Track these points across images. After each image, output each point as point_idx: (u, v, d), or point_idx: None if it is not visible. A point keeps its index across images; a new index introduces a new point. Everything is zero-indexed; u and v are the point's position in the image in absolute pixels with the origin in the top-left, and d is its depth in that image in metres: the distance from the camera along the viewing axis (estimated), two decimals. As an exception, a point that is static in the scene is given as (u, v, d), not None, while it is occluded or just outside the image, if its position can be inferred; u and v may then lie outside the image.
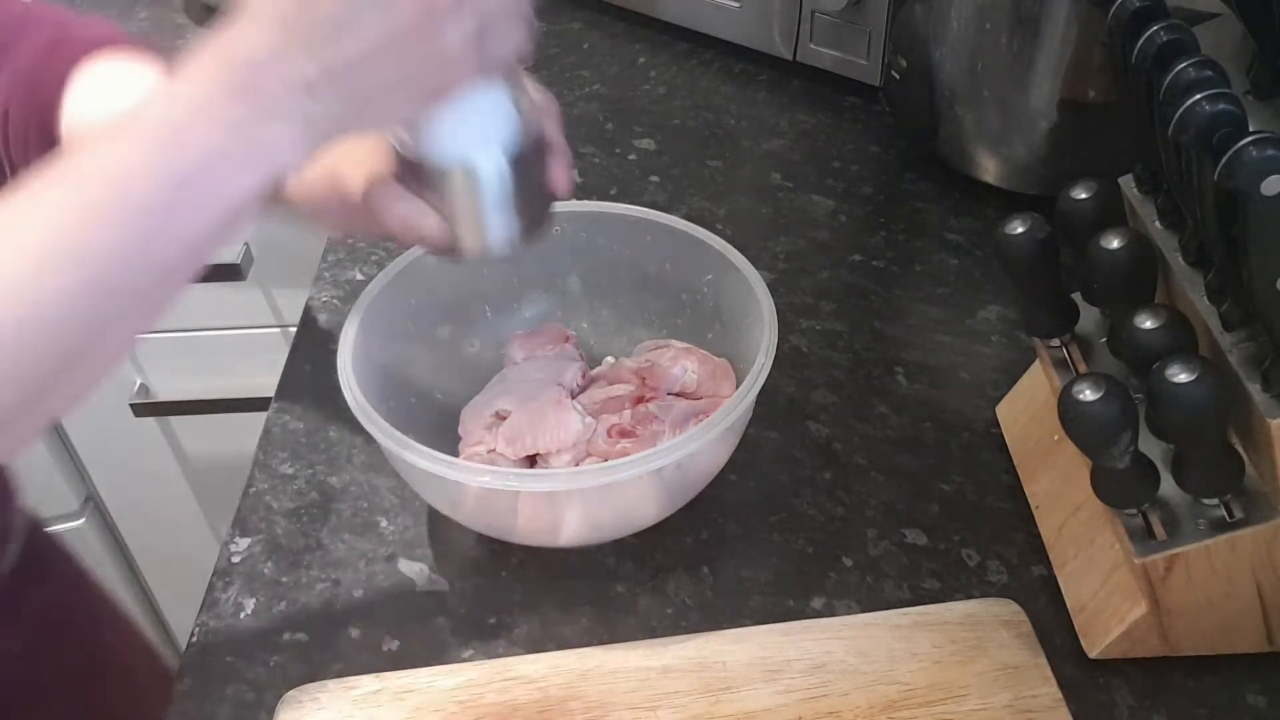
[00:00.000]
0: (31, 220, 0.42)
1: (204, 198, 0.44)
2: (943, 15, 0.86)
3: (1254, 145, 0.44)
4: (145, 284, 0.44)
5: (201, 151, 0.43)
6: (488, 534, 0.66)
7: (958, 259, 0.87)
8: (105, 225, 0.42)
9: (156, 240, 0.43)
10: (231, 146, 0.43)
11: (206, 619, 0.64)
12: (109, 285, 0.43)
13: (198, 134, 0.43)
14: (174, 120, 0.43)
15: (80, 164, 0.43)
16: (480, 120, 0.51)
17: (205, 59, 0.44)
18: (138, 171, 0.43)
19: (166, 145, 0.43)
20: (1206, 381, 0.48)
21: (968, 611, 0.61)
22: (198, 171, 0.43)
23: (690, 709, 0.57)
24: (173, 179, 0.43)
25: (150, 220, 0.43)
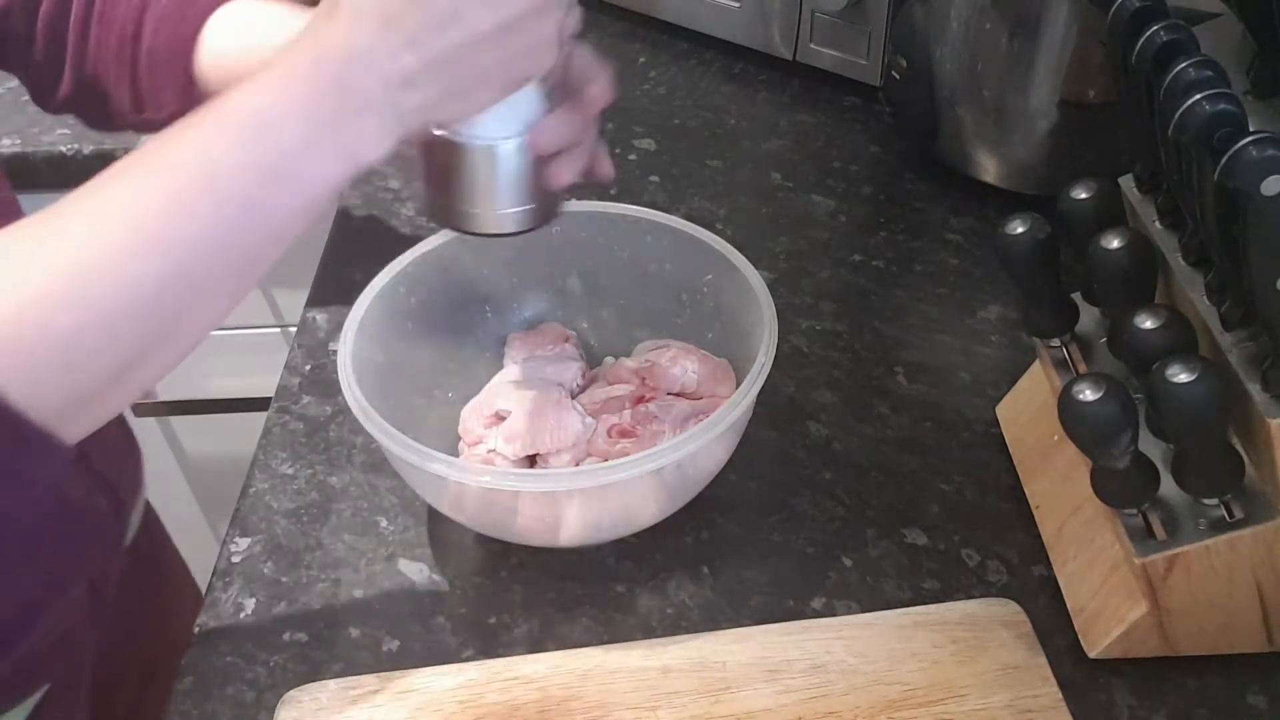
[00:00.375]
0: (120, 206, 0.43)
1: (287, 190, 0.45)
2: (943, 15, 0.86)
3: (1254, 145, 0.44)
4: (226, 271, 0.45)
5: (289, 146, 0.44)
6: (488, 534, 0.66)
7: (958, 259, 0.87)
8: (191, 215, 0.43)
9: (239, 230, 0.44)
10: (318, 141, 0.44)
11: (206, 619, 0.64)
12: (192, 272, 0.44)
13: (286, 129, 0.44)
14: (263, 114, 0.44)
15: (169, 151, 0.44)
16: (514, 105, 0.52)
17: (296, 55, 0.45)
18: (225, 163, 0.43)
19: (255, 139, 0.44)
20: (1206, 381, 0.48)
21: (968, 611, 0.61)
22: (283, 165, 0.44)
23: (690, 709, 0.57)
24: (259, 172, 0.44)
25: (234, 211, 0.44)
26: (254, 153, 0.44)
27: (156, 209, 0.43)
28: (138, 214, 0.43)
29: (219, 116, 0.44)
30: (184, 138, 0.44)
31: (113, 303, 0.42)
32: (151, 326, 0.44)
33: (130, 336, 0.44)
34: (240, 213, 0.44)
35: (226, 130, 0.44)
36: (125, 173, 0.44)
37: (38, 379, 0.42)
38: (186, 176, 0.43)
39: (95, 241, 0.42)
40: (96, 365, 0.43)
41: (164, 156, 0.44)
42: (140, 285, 0.43)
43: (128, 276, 0.42)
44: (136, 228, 0.43)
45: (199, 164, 0.44)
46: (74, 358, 0.43)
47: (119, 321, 0.43)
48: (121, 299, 0.43)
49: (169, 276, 0.43)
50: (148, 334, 0.44)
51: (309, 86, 0.44)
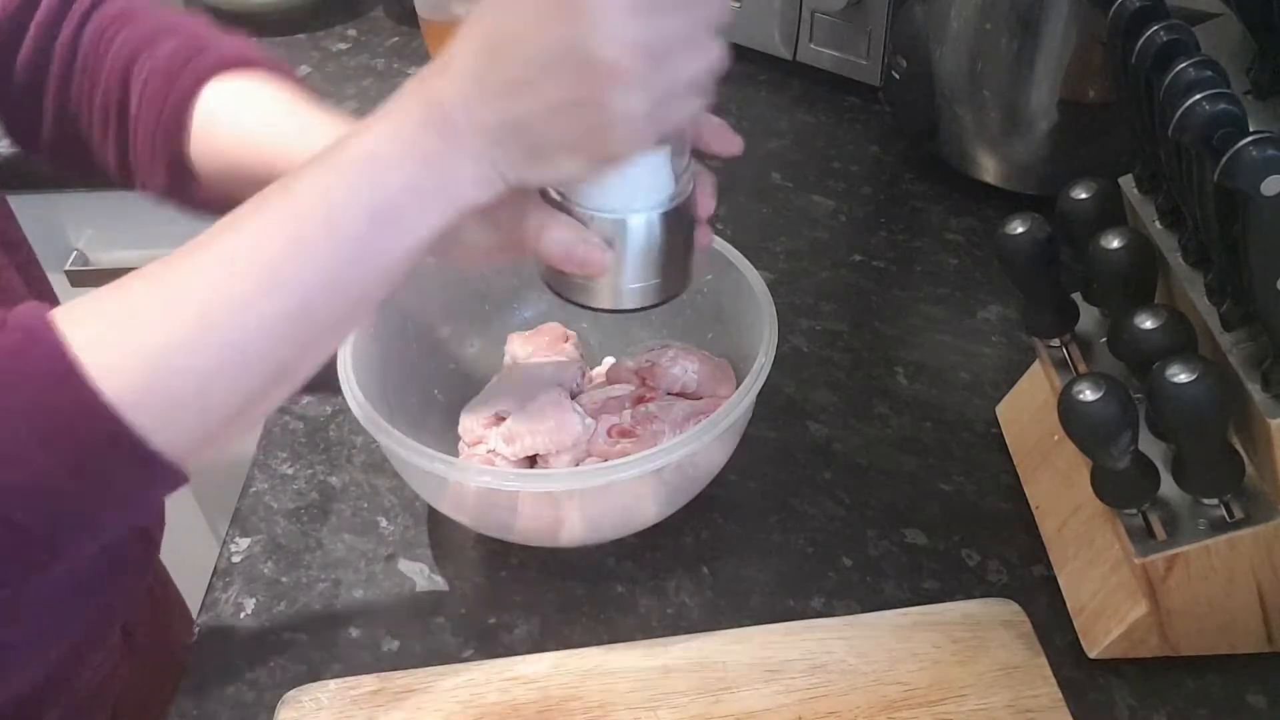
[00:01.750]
0: (248, 249, 0.45)
1: (400, 229, 0.46)
2: (943, 15, 0.86)
3: (1254, 145, 0.44)
4: (344, 309, 0.48)
5: (400, 185, 0.46)
6: (488, 534, 0.66)
7: (958, 259, 0.87)
8: (312, 254, 0.45)
9: (357, 269, 0.46)
10: (425, 181, 0.46)
11: (206, 619, 0.64)
12: (313, 310, 0.46)
13: (397, 168, 0.46)
14: (375, 154, 0.46)
15: (291, 194, 0.46)
16: (637, 179, 0.51)
17: (406, 98, 0.47)
18: (343, 203, 0.46)
19: (369, 178, 0.46)
20: (1206, 381, 0.48)
21: (968, 611, 0.61)
22: (396, 204, 0.46)
23: (690, 709, 0.57)
24: (374, 211, 0.46)
25: (352, 250, 0.46)
26: (367, 191, 0.46)
27: (282, 250, 0.45)
28: (266, 256, 0.45)
29: (335, 157, 0.46)
30: (303, 180, 0.46)
31: (244, 343, 0.45)
32: (276, 364, 0.46)
33: (258, 375, 0.46)
34: (355, 251, 0.46)
35: (342, 171, 0.46)
36: (249, 217, 0.46)
37: (174, 419, 0.44)
38: (308, 218, 0.46)
39: (226, 284, 0.45)
40: (227, 404, 0.46)
41: (284, 200, 0.46)
42: (269, 325, 0.45)
43: (258, 317, 0.45)
44: (265, 269, 0.45)
45: (319, 206, 0.46)
46: (207, 397, 0.45)
47: (249, 361, 0.45)
48: (252, 339, 0.45)
49: (294, 315, 0.45)
50: (272, 371, 0.46)
51: (415, 127, 0.46)
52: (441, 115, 0.46)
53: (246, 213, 0.46)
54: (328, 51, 1.15)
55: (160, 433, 0.43)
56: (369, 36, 1.17)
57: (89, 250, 1.10)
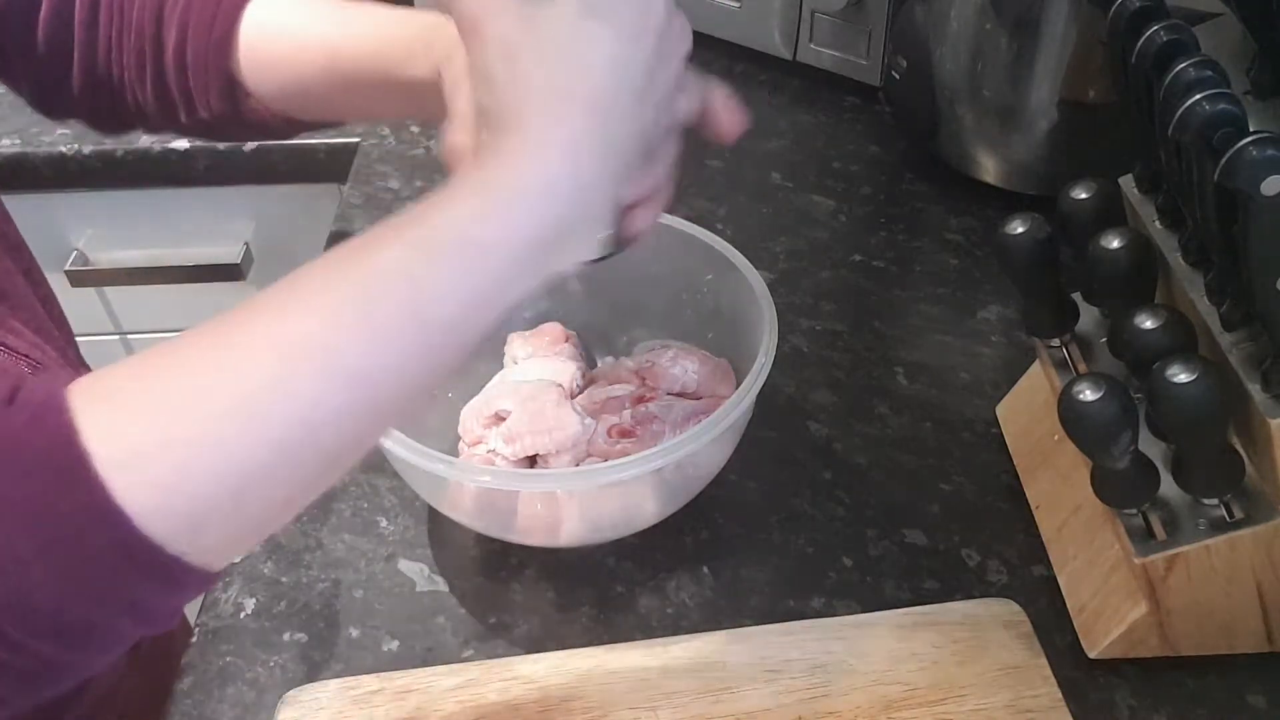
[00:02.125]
0: (305, 329, 0.39)
1: (490, 313, 0.42)
2: (943, 15, 0.86)
3: (1254, 145, 0.44)
4: (413, 393, 0.42)
5: (502, 274, 0.41)
6: (488, 534, 0.65)
7: (958, 259, 0.87)
8: (388, 342, 0.40)
9: (437, 353, 0.42)
10: (532, 267, 0.42)
11: (206, 619, 0.64)
12: (380, 399, 0.40)
13: (501, 258, 0.41)
14: (480, 242, 0.41)
15: (363, 267, 0.40)
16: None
17: (519, 170, 0.42)
18: (434, 289, 0.40)
19: (468, 267, 0.41)
20: (1206, 381, 0.48)
21: (968, 611, 0.61)
22: (493, 292, 0.42)
23: (690, 709, 0.57)
24: (468, 298, 0.41)
25: (437, 337, 0.41)
26: (465, 279, 0.41)
27: (347, 334, 0.39)
28: (328, 340, 0.39)
29: (428, 234, 0.41)
30: (386, 255, 0.40)
31: (291, 440, 0.38)
32: (325, 459, 0.40)
33: (302, 472, 0.40)
34: (439, 338, 0.41)
35: (438, 251, 0.41)
36: (309, 288, 0.40)
37: (200, 526, 0.38)
38: (391, 300, 0.40)
39: (275, 372, 0.38)
40: (263, 506, 0.39)
41: (364, 275, 0.40)
42: (322, 420, 0.38)
43: (309, 411, 0.38)
44: (325, 357, 0.38)
45: (405, 287, 0.40)
46: (242, 501, 0.38)
47: (294, 458, 0.39)
48: (300, 435, 0.38)
49: (353, 408, 0.39)
50: (319, 467, 0.40)
51: (536, 211, 0.42)
52: (569, 202, 0.43)
53: (305, 283, 0.40)
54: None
55: (183, 540, 0.37)
56: (369, 36, 1.16)
57: (89, 250, 1.10)
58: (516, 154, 0.43)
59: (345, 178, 0.97)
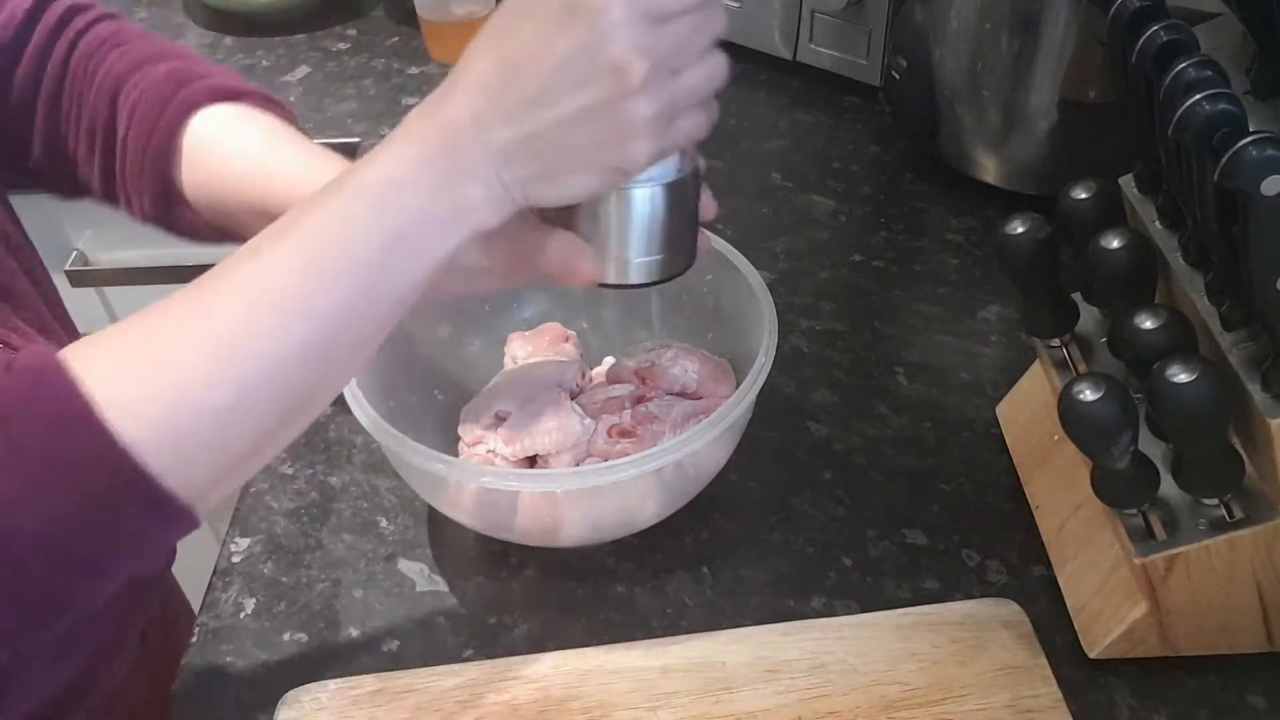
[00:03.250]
0: (263, 279, 0.45)
1: (413, 253, 0.46)
2: (943, 15, 0.86)
3: (1254, 145, 0.44)
4: (362, 335, 0.47)
5: (413, 208, 0.46)
6: (488, 534, 0.66)
7: (958, 259, 0.87)
8: (331, 282, 0.45)
9: (374, 294, 0.46)
10: (437, 204, 0.46)
11: (206, 619, 0.64)
12: (333, 337, 0.46)
13: (408, 192, 0.46)
14: (387, 178, 0.46)
15: (300, 223, 0.46)
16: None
17: (416, 122, 0.47)
18: (359, 229, 0.45)
19: (381, 202, 0.45)
20: (1206, 381, 0.48)
21: (968, 611, 0.61)
22: (409, 228, 0.46)
23: (690, 709, 0.57)
24: (388, 235, 0.45)
25: (370, 275, 0.46)
26: (381, 216, 0.45)
27: (298, 279, 0.45)
28: (281, 285, 0.44)
29: (348, 183, 0.46)
30: (318, 207, 0.46)
31: (261, 377, 0.44)
32: (293, 397, 0.46)
33: (276, 408, 0.45)
34: (372, 276, 0.46)
35: (354, 195, 0.46)
36: (263, 247, 0.45)
37: (190, 459, 0.43)
38: (324, 244, 0.45)
39: (243, 317, 0.44)
40: (243, 439, 0.45)
41: (299, 227, 0.46)
42: (285, 357, 0.44)
43: (274, 349, 0.44)
44: (280, 299, 0.44)
45: (334, 231, 0.45)
46: (224, 434, 0.44)
47: (266, 395, 0.44)
48: (268, 372, 0.44)
49: (311, 345, 0.45)
50: (289, 404, 0.46)
51: (424, 149, 0.46)
52: (453, 137, 0.46)
53: (260, 244, 0.46)
54: (328, 51, 1.15)
55: (177, 473, 0.43)
56: (369, 36, 1.17)
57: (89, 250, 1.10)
58: (429, 103, 0.47)
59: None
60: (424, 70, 1.09)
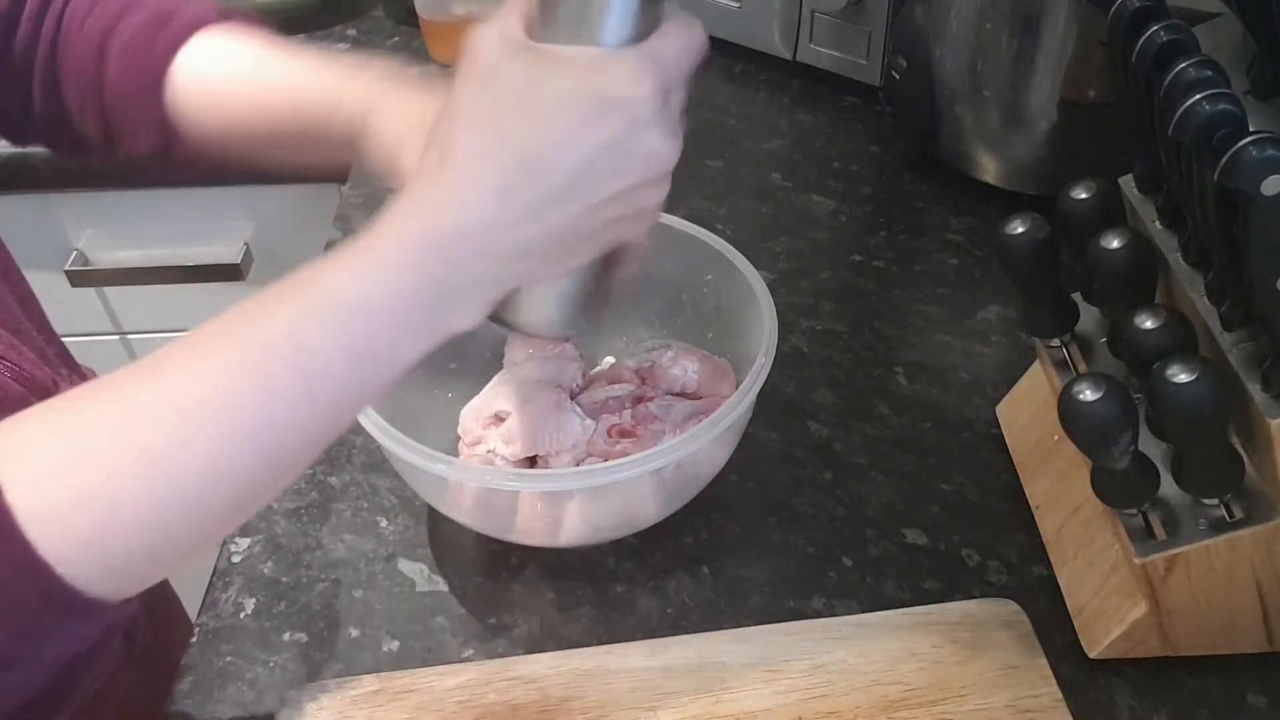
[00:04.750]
0: (205, 394, 0.41)
1: (379, 372, 0.44)
2: (943, 15, 0.86)
3: (1254, 145, 0.44)
4: (309, 448, 0.45)
5: (385, 331, 0.43)
6: (488, 534, 0.65)
7: (958, 259, 0.87)
8: (283, 401, 0.42)
9: (328, 412, 0.44)
10: (417, 325, 0.44)
11: (206, 619, 0.64)
12: (282, 454, 0.43)
13: (385, 315, 0.42)
14: (362, 302, 0.42)
15: (252, 333, 0.42)
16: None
17: (401, 230, 0.43)
18: (319, 349, 0.42)
19: (350, 325, 0.42)
20: (1206, 381, 0.48)
21: (968, 611, 0.61)
22: (378, 350, 0.43)
23: (690, 709, 0.57)
24: (354, 357, 0.43)
25: (326, 395, 0.43)
26: (350, 339, 0.42)
27: (250, 399, 0.41)
28: (231, 405, 0.41)
29: (314, 296, 0.42)
30: (276, 317, 0.42)
31: (203, 493, 0.41)
32: (233, 507, 0.43)
33: (213, 518, 0.43)
34: (332, 396, 0.43)
35: (323, 314, 0.42)
36: (205, 352, 0.42)
37: (117, 570, 0.41)
38: (280, 362, 0.42)
39: (185, 433, 0.41)
40: (175, 549, 0.42)
41: (249, 338, 0.42)
42: (229, 473, 0.42)
43: (217, 466, 0.41)
44: (230, 419, 0.41)
45: (294, 349, 0.42)
46: (155, 548, 0.41)
47: (206, 509, 0.42)
48: (209, 487, 0.41)
49: (260, 462, 0.42)
50: (227, 514, 0.43)
51: (415, 272, 0.43)
52: (455, 249, 0.43)
53: (200, 347, 0.42)
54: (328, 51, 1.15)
55: (100, 583, 0.40)
56: (369, 36, 1.17)
57: (89, 250, 1.10)
58: (414, 204, 0.44)
59: (345, 178, 0.97)
60: (424, 70, 1.09)
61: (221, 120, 0.62)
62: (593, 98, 0.42)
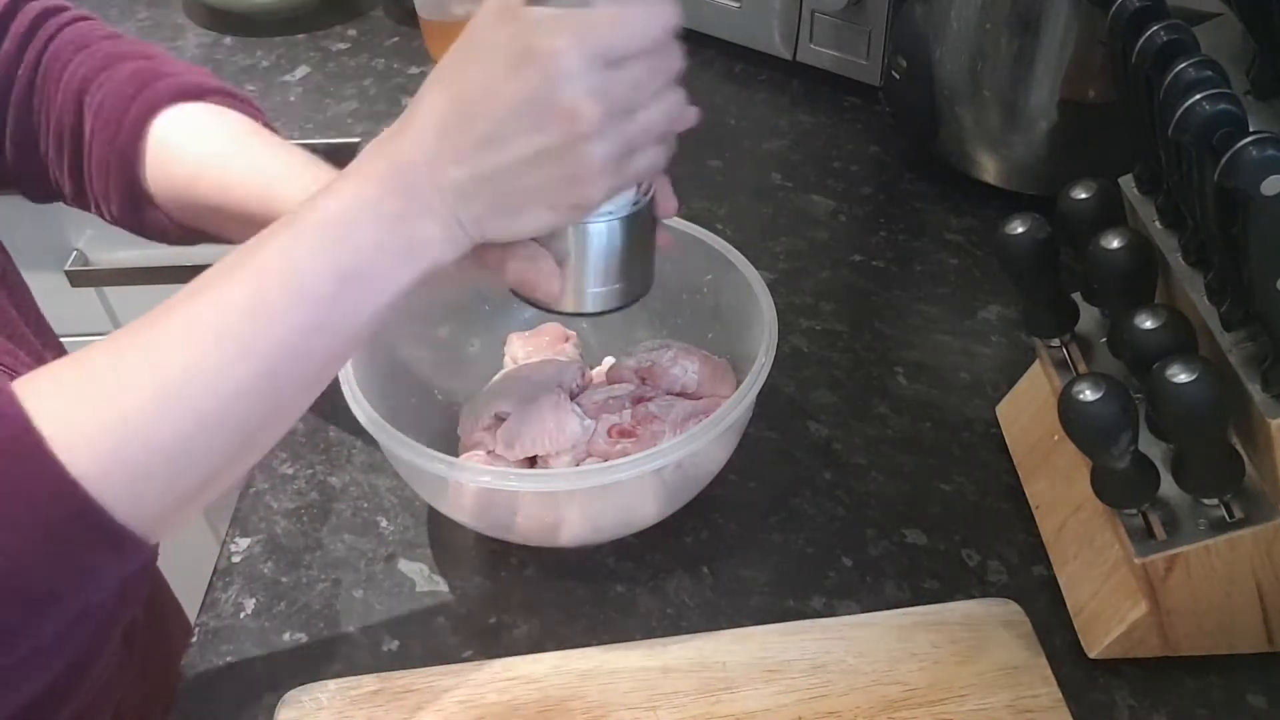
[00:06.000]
0: (211, 315, 0.45)
1: (366, 291, 0.46)
2: (943, 15, 0.86)
3: (1254, 145, 0.44)
4: (311, 373, 0.47)
5: (366, 246, 0.46)
6: (488, 534, 0.66)
7: (958, 259, 0.87)
8: (276, 319, 0.45)
9: (321, 331, 0.46)
10: (391, 241, 0.46)
11: (206, 619, 0.64)
12: (279, 376, 0.46)
13: (362, 229, 0.46)
14: (341, 216, 0.46)
15: (255, 258, 0.45)
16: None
17: (370, 159, 0.47)
18: (307, 266, 0.45)
19: (334, 240, 0.45)
20: (1206, 381, 0.48)
21: (968, 611, 0.61)
22: (362, 265, 0.46)
23: (690, 709, 0.57)
24: (339, 272, 0.45)
25: (317, 313, 0.46)
26: (333, 253, 0.45)
27: (245, 315, 0.44)
28: (228, 321, 0.44)
29: (300, 220, 0.46)
30: (269, 243, 0.46)
31: (210, 412, 0.44)
32: (243, 431, 0.46)
33: (224, 443, 0.45)
34: (322, 314, 0.46)
35: (306, 232, 0.46)
36: (213, 282, 0.45)
37: (141, 492, 0.43)
38: (271, 281, 0.45)
39: (190, 353, 0.44)
40: (193, 474, 0.45)
41: (250, 263, 0.45)
42: (235, 392, 0.44)
43: (223, 384, 0.44)
44: (228, 336, 0.44)
45: (282, 268, 0.45)
46: (174, 469, 0.44)
47: (215, 429, 0.45)
48: (217, 407, 0.44)
49: (261, 382, 0.45)
50: (239, 439, 0.46)
51: (379, 187, 0.46)
52: (406, 174, 0.46)
53: (210, 278, 0.45)
54: (328, 51, 1.15)
55: (127, 506, 0.43)
56: (369, 36, 1.17)
57: (89, 250, 1.10)
58: (383, 140, 0.47)
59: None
60: (424, 70, 1.09)
61: (194, 199, 0.62)
62: (514, 49, 0.44)
